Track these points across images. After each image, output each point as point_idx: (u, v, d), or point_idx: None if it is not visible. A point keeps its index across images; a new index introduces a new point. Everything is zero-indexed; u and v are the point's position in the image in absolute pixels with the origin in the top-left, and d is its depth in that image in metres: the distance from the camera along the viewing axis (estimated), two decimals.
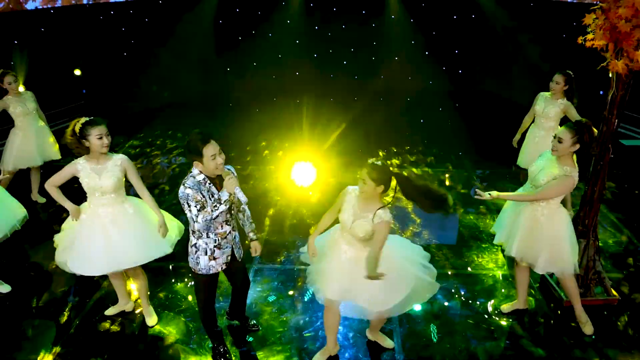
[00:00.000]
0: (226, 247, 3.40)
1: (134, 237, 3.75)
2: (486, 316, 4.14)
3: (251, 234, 3.57)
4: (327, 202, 5.55)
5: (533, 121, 5.48)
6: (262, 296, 4.42)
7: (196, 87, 10.73)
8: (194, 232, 3.33)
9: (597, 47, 3.53)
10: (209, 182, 3.23)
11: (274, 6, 10.80)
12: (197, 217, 3.17)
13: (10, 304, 4.36)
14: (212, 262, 3.37)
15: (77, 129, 3.55)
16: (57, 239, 3.93)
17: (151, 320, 4.10)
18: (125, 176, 3.76)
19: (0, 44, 8.10)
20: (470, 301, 4.33)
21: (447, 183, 6.76)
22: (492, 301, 4.31)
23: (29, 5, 8.45)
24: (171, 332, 4.01)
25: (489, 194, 3.56)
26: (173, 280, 4.66)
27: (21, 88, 5.69)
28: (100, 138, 3.56)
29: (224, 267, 3.43)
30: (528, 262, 3.81)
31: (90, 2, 9.54)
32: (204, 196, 3.19)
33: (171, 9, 10.59)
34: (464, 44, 10.67)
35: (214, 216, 3.19)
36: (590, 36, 3.54)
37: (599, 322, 4.01)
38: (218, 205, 3.20)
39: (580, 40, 3.62)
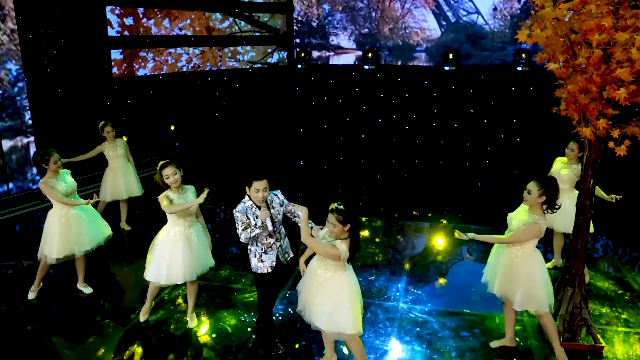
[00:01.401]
0: (271, 253, 4.29)
1: (203, 252, 4.81)
2: (477, 352, 4.61)
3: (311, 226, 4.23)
4: None
5: None
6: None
7: None
8: (242, 241, 4.23)
9: (569, 115, 4.13)
10: (255, 207, 4.17)
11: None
12: (241, 234, 4.14)
13: (89, 304, 5.49)
14: (260, 264, 4.29)
15: (158, 168, 4.71)
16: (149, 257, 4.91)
17: (193, 323, 5.02)
18: None
19: (116, 103, 9.90)
20: (464, 336, 4.81)
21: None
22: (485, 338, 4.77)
23: (140, 72, 10.29)
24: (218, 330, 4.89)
25: (466, 235, 4.18)
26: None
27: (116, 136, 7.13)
28: (171, 175, 4.66)
29: (269, 270, 4.30)
30: (507, 299, 4.30)
31: (190, 70, 11.30)
32: (249, 218, 4.14)
33: (259, 78, 12.20)
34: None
35: (251, 236, 4.13)
36: (563, 106, 4.16)
37: None
38: (254, 228, 4.13)
39: (554, 110, 4.24)
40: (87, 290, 5.65)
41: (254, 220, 4.14)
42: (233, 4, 11.73)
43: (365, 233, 7.35)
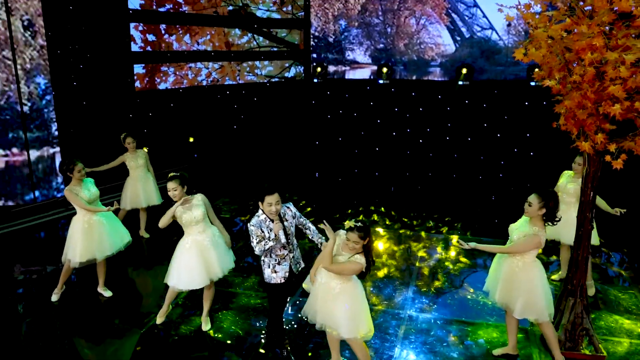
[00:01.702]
0: (284, 264, 4.47)
1: (219, 256, 5.03)
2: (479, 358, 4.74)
3: (321, 241, 4.49)
4: None
5: None
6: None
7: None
8: (257, 253, 4.41)
9: (568, 130, 4.28)
10: (268, 220, 4.35)
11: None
12: (255, 247, 4.33)
13: (108, 306, 5.75)
14: (273, 275, 4.47)
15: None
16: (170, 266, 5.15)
17: (207, 326, 5.24)
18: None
19: (138, 116, 10.26)
20: (467, 345, 4.94)
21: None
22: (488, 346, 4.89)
23: (161, 86, 10.65)
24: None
25: (468, 244, 4.33)
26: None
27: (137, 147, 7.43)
28: (175, 189, 4.89)
29: (283, 280, 4.48)
30: (507, 308, 4.43)
31: (209, 84, 11.65)
32: (263, 231, 4.33)
33: (276, 92, 12.51)
34: None
35: (264, 248, 4.32)
36: (562, 121, 4.31)
37: None
38: (268, 241, 4.33)
39: (555, 124, 4.39)
40: (107, 293, 5.91)
41: (268, 233, 4.32)
42: (252, 20, 12.08)
43: (377, 243, 7.51)
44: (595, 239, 5.75)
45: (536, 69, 4.07)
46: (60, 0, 8.43)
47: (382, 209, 9.20)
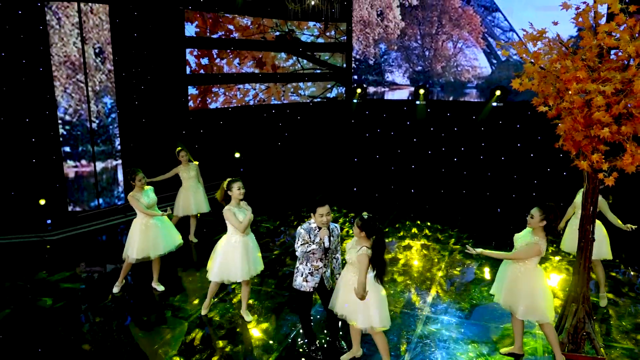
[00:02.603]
0: (316, 276, 5.00)
1: (255, 257, 5.76)
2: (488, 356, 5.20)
3: (337, 273, 5.09)
4: None
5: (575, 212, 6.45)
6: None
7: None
8: (298, 259, 5.04)
9: (568, 149, 4.76)
10: (317, 229, 4.92)
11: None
12: (298, 248, 4.92)
13: (160, 299, 6.54)
14: (304, 283, 5.01)
15: (224, 185, 5.71)
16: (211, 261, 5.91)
17: (248, 317, 5.92)
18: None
19: (190, 132, 11.22)
20: (478, 343, 5.40)
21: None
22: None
23: (212, 105, 11.61)
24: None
25: (475, 250, 4.84)
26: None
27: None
28: (239, 189, 5.66)
29: (312, 289, 5.02)
30: (511, 310, 4.90)
31: (256, 103, 12.55)
32: (310, 237, 4.92)
33: (318, 111, 13.30)
34: None
35: (306, 250, 4.88)
36: (561, 142, 4.78)
37: None
38: (311, 244, 4.95)
39: (557, 145, 4.87)
40: (160, 288, 6.71)
41: (314, 238, 4.88)
42: (297, 45, 12.95)
43: (411, 255, 8.04)
44: (608, 254, 6.12)
45: (534, 97, 4.57)
46: (126, 29, 9.52)
47: (418, 221, 9.67)
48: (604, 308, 6.17)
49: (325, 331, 5.65)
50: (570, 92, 3.98)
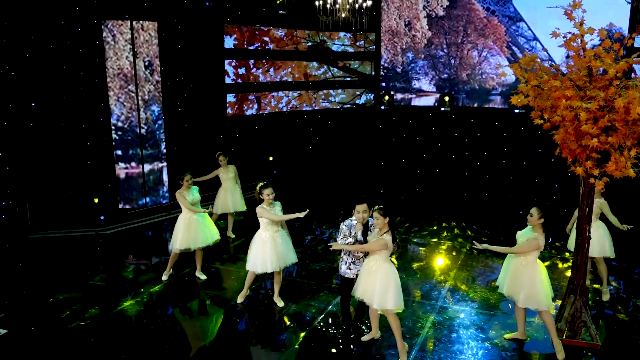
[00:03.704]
0: (358, 264, 5.65)
1: (287, 251, 6.50)
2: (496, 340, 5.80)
3: None
4: None
5: None
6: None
7: None
8: (343, 250, 5.67)
9: (565, 157, 5.33)
10: (357, 224, 5.62)
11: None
12: (339, 241, 5.59)
13: (203, 288, 7.35)
14: (347, 270, 5.70)
15: (258, 188, 6.49)
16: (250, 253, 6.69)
17: (280, 304, 6.67)
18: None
19: (228, 137, 12.09)
20: (485, 329, 6.01)
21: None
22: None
23: (248, 112, 12.46)
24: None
25: (481, 245, 5.45)
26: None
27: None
28: (269, 195, 6.42)
29: (354, 276, 5.64)
30: (513, 298, 5.49)
31: (289, 110, 13.36)
32: (350, 232, 5.60)
33: (348, 117, 14.03)
34: None
35: (345, 243, 5.58)
36: (558, 150, 5.36)
37: (578, 357, 5.39)
38: (349, 237, 5.64)
39: (557, 152, 5.45)
40: (203, 277, 7.53)
41: (353, 232, 5.58)
42: (328, 54, 13.69)
43: (433, 252, 8.67)
44: (611, 252, 6.63)
45: (533, 111, 5.18)
46: (171, 42, 10.45)
47: (444, 224, 10.25)
48: (607, 302, 6.68)
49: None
50: (561, 108, 4.57)
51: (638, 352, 5.62)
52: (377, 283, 5.21)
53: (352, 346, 5.78)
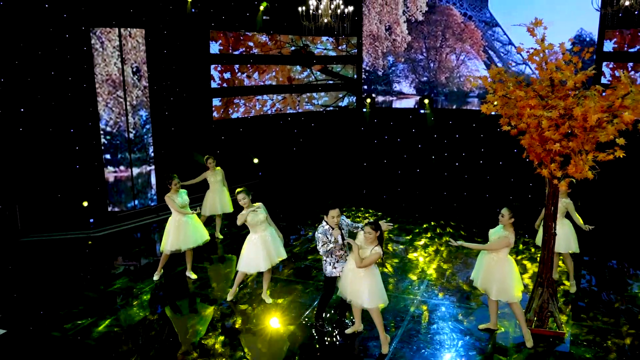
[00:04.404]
0: (342, 262, 6.02)
1: (276, 248, 6.82)
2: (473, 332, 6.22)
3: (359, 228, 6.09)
4: None
5: None
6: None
7: None
8: (324, 255, 6.01)
9: (531, 159, 5.76)
10: (331, 229, 5.95)
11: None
12: (320, 249, 5.94)
13: (193, 287, 7.65)
14: (333, 270, 6.04)
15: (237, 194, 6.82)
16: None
17: (269, 300, 7.00)
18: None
19: (213, 140, 12.37)
20: (460, 320, 6.42)
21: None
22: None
23: (233, 115, 12.76)
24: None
25: (456, 242, 5.86)
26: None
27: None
28: (243, 199, 6.73)
29: (339, 274, 6.00)
30: (487, 292, 5.91)
31: (273, 113, 13.69)
32: (327, 238, 5.93)
33: (331, 119, 14.40)
34: None
35: (327, 249, 5.92)
36: (525, 154, 5.78)
37: (545, 344, 5.83)
38: (329, 243, 5.99)
39: (524, 156, 5.87)
40: (193, 276, 7.83)
41: (330, 238, 5.92)
42: (311, 58, 14.04)
43: (413, 249, 9.08)
44: (576, 248, 7.09)
45: (501, 118, 5.59)
46: (158, 48, 10.70)
47: (424, 224, 10.67)
48: (573, 294, 7.14)
49: (333, 311, 6.72)
50: (525, 116, 4.99)
51: (602, 339, 6.07)
52: (365, 284, 5.60)
53: (336, 339, 6.14)
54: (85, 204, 10.08)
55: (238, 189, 6.82)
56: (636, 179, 11.00)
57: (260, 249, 6.74)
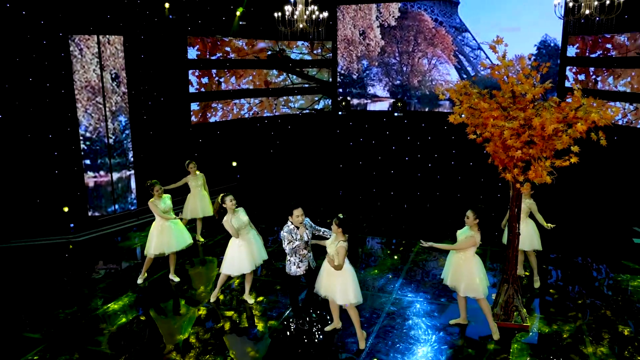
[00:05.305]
0: (305, 261, 6.38)
1: (258, 250, 7.11)
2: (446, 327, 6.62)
3: (326, 234, 6.44)
4: None
5: None
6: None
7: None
8: (288, 253, 6.36)
9: (496, 165, 6.16)
10: (296, 228, 6.32)
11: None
12: (286, 247, 6.28)
13: (177, 289, 7.88)
14: (297, 269, 6.38)
15: (219, 199, 7.07)
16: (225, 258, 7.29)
17: (250, 300, 7.28)
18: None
19: (192, 143, 12.55)
20: (433, 316, 6.82)
21: None
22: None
23: (212, 119, 12.97)
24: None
25: (427, 243, 6.24)
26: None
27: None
28: (231, 201, 7.01)
29: (304, 272, 6.38)
30: (456, 289, 6.31)
31: (250, 117, 13.93)
32: (292, 236, 6.27)
33: (307, 122, 14.70)
34: None
35: (293, 247, 6.26)
36: (490, 159, 6.19)
37: (510, 337, 6.25)
38: (295, 241, 6.31)
39: (489, 161, 6.28)
40: (176, 279, 8.06)
41: (296, 236, 6.28)
42: (287, 62, 14.33)
43: (387, 248, 9.45)
44: (539, 246, 7.55)
45: (468, 127, 5.99)
46: (136, 53, 10.85)
47: (399, 224, 11.08)
48: (537, 289, 7.61)
49: (310, 309, 7.04)
50: (488, 126, 5.39)
51: (566, 331, 6.53)
52: (338, 281, 5.92)
53: (316, 336, 6.47)
54: (65, 209, 10.18)
55: (225, 193, 7.07)
56: (590, 182, 11.64)
57: (244, 252, 7.02)
